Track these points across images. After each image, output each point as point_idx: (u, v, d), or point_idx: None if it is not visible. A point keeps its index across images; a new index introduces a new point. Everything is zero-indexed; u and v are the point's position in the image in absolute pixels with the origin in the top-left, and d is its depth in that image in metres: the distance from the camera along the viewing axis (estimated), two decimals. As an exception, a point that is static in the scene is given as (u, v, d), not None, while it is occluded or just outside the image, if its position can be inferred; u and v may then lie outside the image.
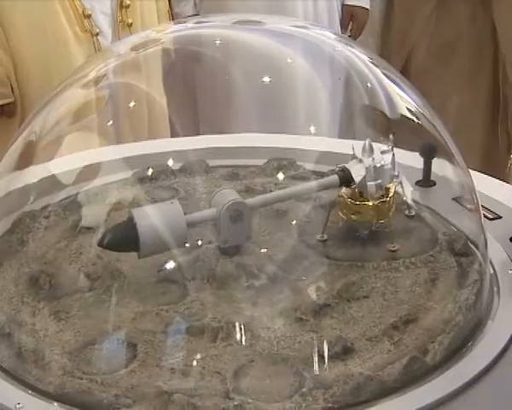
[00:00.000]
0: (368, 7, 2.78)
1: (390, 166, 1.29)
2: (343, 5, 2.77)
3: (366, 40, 2.84)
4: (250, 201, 1.27)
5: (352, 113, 1.51)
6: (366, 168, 1.28)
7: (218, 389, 0.97)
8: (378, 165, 1.28)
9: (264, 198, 1.33)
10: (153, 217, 1.16)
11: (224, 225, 1.20)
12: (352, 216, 1.30)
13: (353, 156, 1.32)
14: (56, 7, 2.06)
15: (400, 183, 1.32)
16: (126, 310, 1.12)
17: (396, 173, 1.30)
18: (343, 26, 2.74)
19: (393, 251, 1.27)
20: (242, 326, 1.08)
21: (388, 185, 1.30)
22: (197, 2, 2.75)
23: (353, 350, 1.03)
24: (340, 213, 1.32)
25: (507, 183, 1.67)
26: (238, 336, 1.07)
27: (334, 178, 1.29)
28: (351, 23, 2.78)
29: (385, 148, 1.32)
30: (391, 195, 1.30)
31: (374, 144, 1.31)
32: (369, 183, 1.28)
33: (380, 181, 1.28)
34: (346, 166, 1.30)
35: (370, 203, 1.28)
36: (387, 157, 1.30)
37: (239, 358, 1.02)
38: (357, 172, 1.29)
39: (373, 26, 2.89)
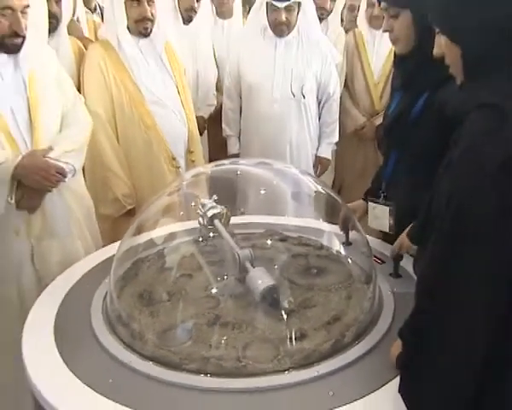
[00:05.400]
0: (329, 158, 2.47)
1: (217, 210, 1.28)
2: (315, 155, 2.44)
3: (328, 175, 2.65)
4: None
5: (307, 205, 1.48)
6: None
7: (233, 356, 0.99)
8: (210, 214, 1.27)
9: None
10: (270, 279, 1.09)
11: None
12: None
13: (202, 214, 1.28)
14: (159, 154, 2.01)
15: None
16: (187, 312, 1.12)
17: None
18: (314, 167, 2.46)
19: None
20: (248, 322, 1.07)
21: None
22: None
23: (306, 335, 1.04)
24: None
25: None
26: (246, 327, 1.06)
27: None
28: (319, 166, 2.47)
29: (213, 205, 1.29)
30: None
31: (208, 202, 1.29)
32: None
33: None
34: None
35: None
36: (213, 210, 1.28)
37: (245, 339, 1.03)
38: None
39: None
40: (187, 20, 2.47)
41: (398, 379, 0.87)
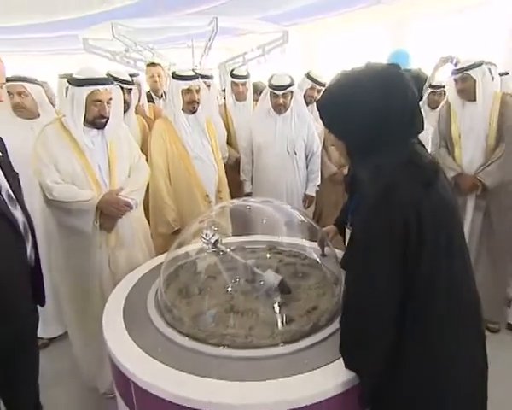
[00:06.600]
0: (314, 195, 2.41)
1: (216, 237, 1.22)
2: (304, 194, 2.40)
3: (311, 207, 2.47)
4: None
5: (295, 229, 1.45)
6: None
7: (243, 334, 1.00)
8: (213, 240, 1.22)
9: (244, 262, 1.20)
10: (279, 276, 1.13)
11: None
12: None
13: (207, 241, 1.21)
14: (197, 193, 1.99)
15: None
16: (212, 302, 1.12)
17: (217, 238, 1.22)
18: (303, 202, 2.39)
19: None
20: (253, 311, 1.07)
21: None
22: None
23: (293, 320, 1.04)
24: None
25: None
26: (251, 314, 1.06)
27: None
28: (307, 201, 2.41)
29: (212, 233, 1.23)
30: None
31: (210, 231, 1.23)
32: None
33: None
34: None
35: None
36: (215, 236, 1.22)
37: (251, 322, 1.04)
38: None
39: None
40: None
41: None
